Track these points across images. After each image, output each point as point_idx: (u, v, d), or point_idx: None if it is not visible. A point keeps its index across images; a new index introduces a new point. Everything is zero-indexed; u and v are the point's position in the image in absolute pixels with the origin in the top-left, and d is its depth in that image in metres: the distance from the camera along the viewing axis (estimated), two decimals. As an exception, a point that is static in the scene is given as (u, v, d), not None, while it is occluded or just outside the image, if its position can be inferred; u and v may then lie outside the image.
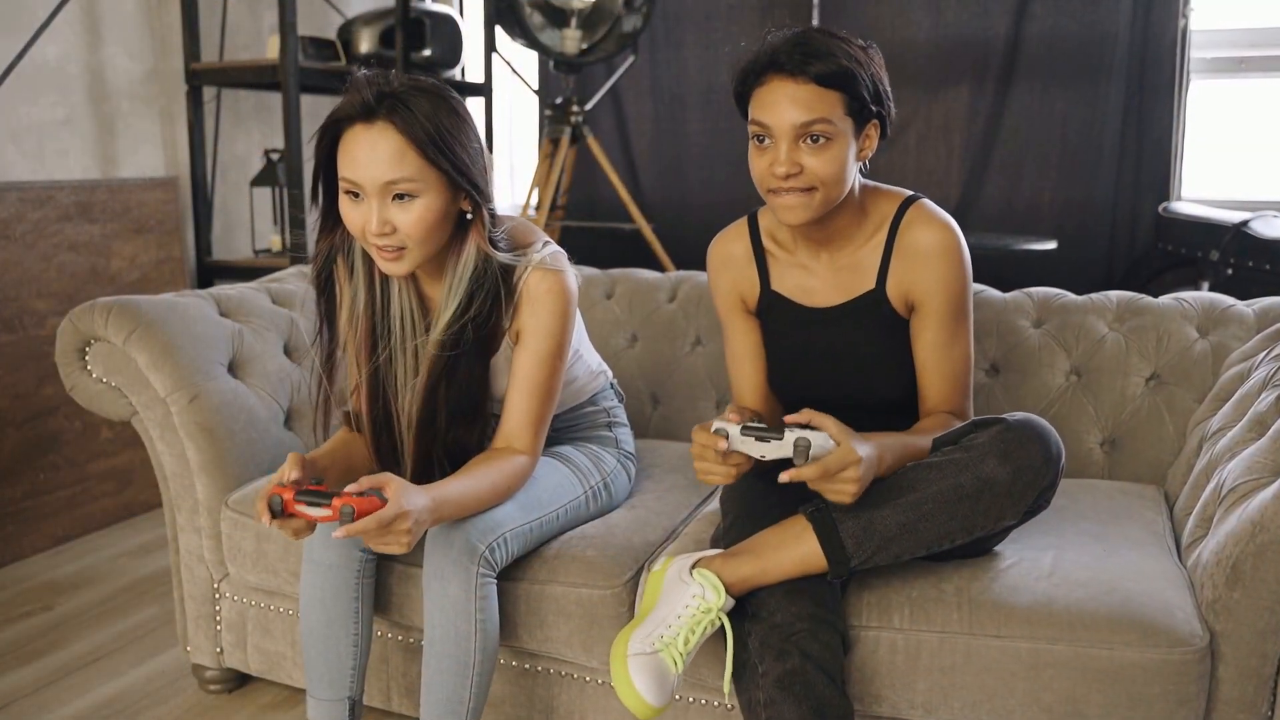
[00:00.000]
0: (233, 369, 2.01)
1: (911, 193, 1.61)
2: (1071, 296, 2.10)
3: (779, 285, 1.67)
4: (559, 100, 3.54)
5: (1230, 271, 3.10)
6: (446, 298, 1.57)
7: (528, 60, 3.96)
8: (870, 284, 1.61)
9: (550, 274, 1.59)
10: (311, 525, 1.48)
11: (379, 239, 1.48)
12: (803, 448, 1.36)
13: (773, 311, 1.69)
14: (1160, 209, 3.38)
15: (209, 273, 3.18)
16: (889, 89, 1.52)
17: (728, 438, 1.40)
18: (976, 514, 1.39)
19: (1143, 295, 2.07)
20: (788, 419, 1.40)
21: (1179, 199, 3.47)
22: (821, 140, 1.45)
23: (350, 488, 1.40)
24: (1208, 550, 1.46)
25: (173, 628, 2.29)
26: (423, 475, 1.63)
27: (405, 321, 1.62)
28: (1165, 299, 2.06)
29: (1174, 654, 1.35)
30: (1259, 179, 3.53)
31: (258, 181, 3.26)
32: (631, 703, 1.37)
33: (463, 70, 3.88)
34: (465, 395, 1.60)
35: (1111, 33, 3.39)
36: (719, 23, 3.78)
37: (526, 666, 1.73)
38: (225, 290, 2.15)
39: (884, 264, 1.60)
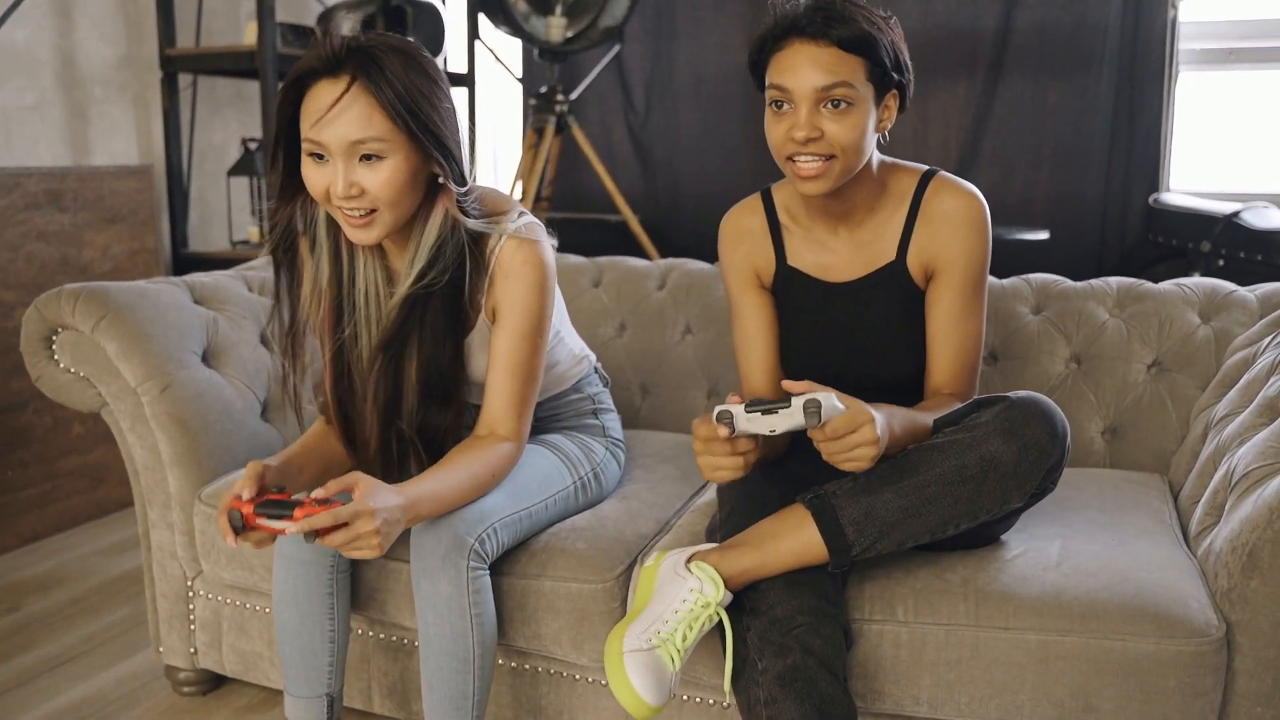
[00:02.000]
0: (207, 358, 1.94)
1: (930, 167, 1.57)
2: (1070, 283, 2.06)
3: (796, 260, 1.62)
4: (543, 89, 3.47)
5: (1222, 263, 3.07)
6: (409, 263, 1.48)
7: (512, 49, 3.89)
8: (890, 256, 1.57)
9: (525, 244, 1.51)
10: (266, 537, 1.40)
11: (346, 202, 1.39)
12: (813, 408, 1.28)
13: (789, 287, 1.63)
14: (1151, 200, 3.35)
15: (185, 264, 3.10)
16: (909, 60, 1.47)
17: (732, 422, 1.32)
18: (981, 496, 1.34)
19: (1143, 281, 2.03)
20: (786, 384, 1.32)
21: (1168, 190, 3.44)
22: (843, 105, 1.41)
23: (317, 493, 1.33)
24: (1220, 538, 1.41)
25: (145, 628, 2.21)
26: (391, 462, 1.55)
27: (370, 296, 1.53)
28: (1166, 284, 2.01)
29: (1190, 645, 1.30)
30: (1248, 171, 3.51)
31: (235, 171, 3.18)
32: (628, 702, 1.31)
33: (445, 59, 3.81)
34: (434, 372, 1.51)
35: (1101, 24, 3.37)
36: (707, 13, 3.72)
37: (513, 665, 1.67)
38: (199, 277, 2.08)
39: (906, 235, 1.56)
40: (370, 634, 1.75)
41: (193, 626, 1.91)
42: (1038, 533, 1.55)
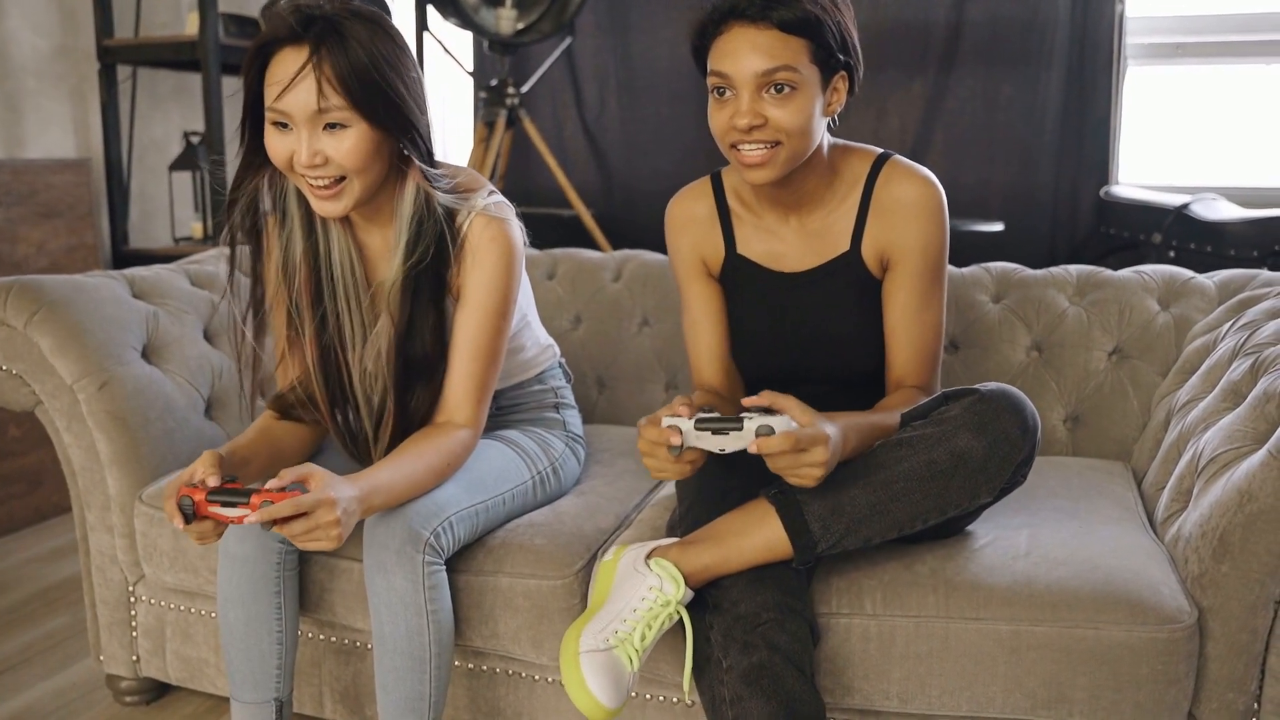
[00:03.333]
0: (147, 354, 1.86)
1: (883, 150, 1.53)
2: (1030, 271, 2.04)
3: (745, 249, 1.58)
4: (494, 82, 3.41)
5: (1172, 254, 3.09)
6: (396, 238, 1.45)
7: (461, 40, 3.82)
8: (844, 246, 1.53)
9: (494, 222, 1.47)
10: (221, 529, 1.35)
11: (311, 171, 1.36)
12: (765, 433, 1.25)
13: (738, 276, 1.59)
14: (1102, 193, 3.37)
15: (126, 261, 3.00)
16: (858, 42, 1.43)
17: (681, 433, 1.28)
18: (951, 491, 1.31)
19: (1102, 269, 2.02)
20: (745, 402, 1.29)
21: (1118, 183, 3.47)
22: (786, 90, 1.36)
23: (271, 483, 1.27)
24: (1190, 523, 1.39)
25: (84, 637, 2.12)
26: (391, 448, 1.50)
27: (347, 271, 1.49)
28: (1125, 272, 2.01)
29: (1162, 632, 1.28)
30: (1195, 163, 3.55)
31: (177, 166, 3.09)
32: (584, 704, 1.26)
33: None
34: (424, 352, 1.47)
35: (1051, 18, 3.38)
36: (659, 6, 3.69)
37: (470, 666, 1.61)
38: (138, 271, 1.99)
39: (859, 224, 1.51)
40: (321, 637, 1.68)
41: (135, 633, 1.83)
42: (1004, 522, 1.52)
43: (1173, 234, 3.11)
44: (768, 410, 1.28)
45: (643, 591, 1.30)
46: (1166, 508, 1.52)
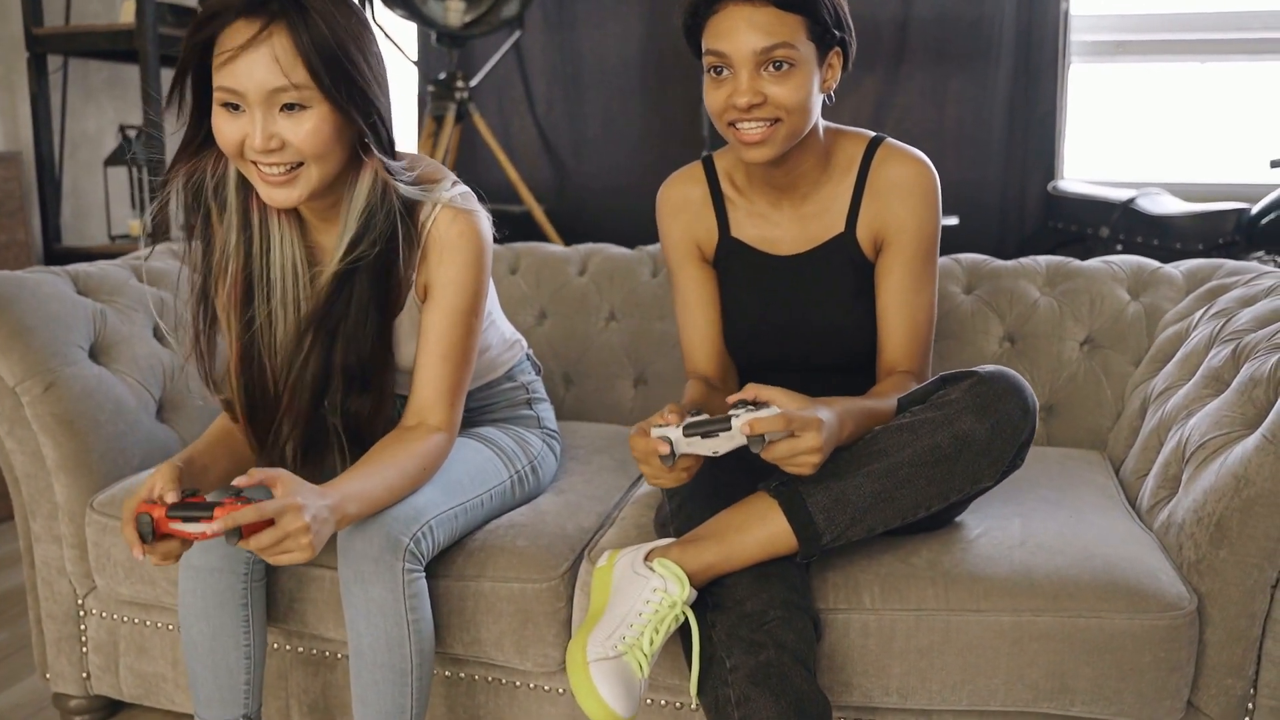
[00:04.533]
0: (95, 354, 1.76)
1: (876, 133, 1.51)
2: (1000, 262, 2.04)
3: (739, 232, 1.54)
4: (443, 76, 3.34)
5: (1120, 247, 3.14)
6: (341, 231, 1.34)
7: (405, 31, 3.74)
8: (839, 227, 1.50)
9: (461, 215, 1.38)
10: (186, 546, 1.26)
11: (265, 157, 1.25)
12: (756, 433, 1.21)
13: (732, 260, 1.55)
14: (1049, 187, 3.41)
15: (59, 259, 2.86)
16: (850, 18, 1.41)
17: (671, 443, 1.24)
18: (955, 476, 1.28)
19: (1071, 259, 2.02)
20: (730, 399, 1.26)
21: (1063, 178, 3.51)
22: (785, 67, 1.34)
23: (239, 480, 1.19)
24: (1182, 509, 1.39)
25: (28, 653, 2.01)
26: (313, 459, 1.43)
27: (288, 272, 1.37)
28: (1093, 262, 2.01)
29: (1164, 619, 1.27)
30: (1137, 159, 3.61)
31: (112, 161, 2.97)
32: (598, 714, 1.20)
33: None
34: (359, 355, 1.37)
35: (997, 15, 3.41)
36: (608, 0, 3.64)
37: (448, 674, 1.55)
38: (83, 267, 1.89)
39: (854, 205, 1.49)
40: (288, 647, 1.61)
41: (85, 649, 1.73)
42: (994, 512, 1.51)
43: (1120, 228, 3.16)
44: (754, 404, 1.25)
45: (646, 594, 1.25)
46: (1153, 494, 1.52)
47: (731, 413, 1.22)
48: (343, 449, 1.43)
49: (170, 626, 1.66)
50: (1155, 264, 1.99)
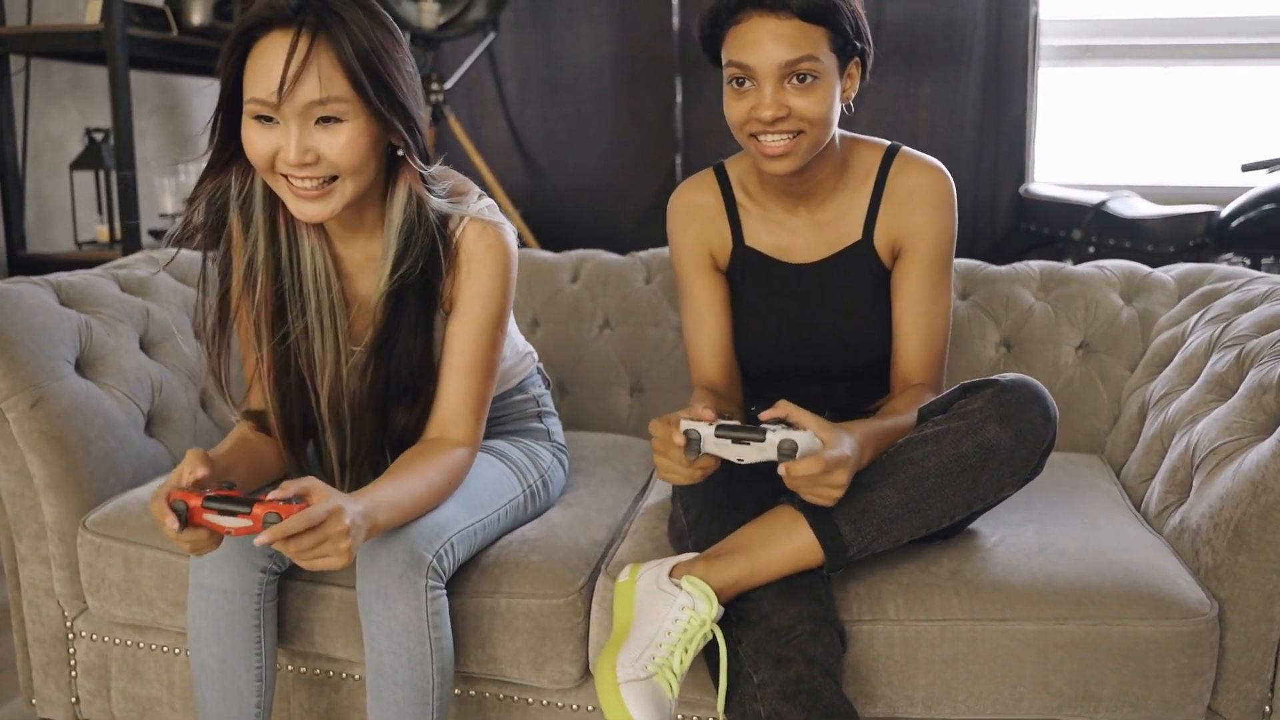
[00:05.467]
0: (81, 367, 1.71)
1: (892, 142, 1.51)
2: (993, 267, 2.05)
3: (753, 241, 1.53)
4: (416, 78, 3.29)
5: (1092, 250, 3.18)
6: (385, 248, 1.34)
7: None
8: (856, 235, 1.50)
9: (489, 228, 1.38)
10: (217, 539, 1.23)
11: (298, 170, 1.23)
12: (788, 450, 1.20)
13: (747, 269, 1.54)
14: (1021, 190, 3.45)
15: (24, 266, 2.78)
16: (868, 28, 1.40)
17: (699, 439, 1.23)
18: (980, 485, 1.28)
19: (1064, 264, 2.04)
20: (764, 416, 1.25)
21: (1034, 181, 3.55)
22: (809, 79, 1.33)
23: (274, 494, 1.16)
24: (1197, 514, 1.40)
25: (12, 676, 1.94)
26: (364, 477, 1.40)
27: (321, 285, 1.36)
28: (1085, 267, 2.03)
29: (1187, 625, 1.28)
30: (1105, 162, 3.66)
31: (79, 165, 2.88)
32: None
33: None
34: (411, 370, 1.37)
35: (969, 19, 3.44)
36: (581, 4, 3.63)
37: (458, 691, 1.52)
38: (64, 277, 1.83)
39: (871, 213, 1.49)
40: (290, 668, 1.56)
41: (74, 673, 1.68)
42: (1006, 519, 1.51)
43: (1092, 230, 3.20)
44: (787, 423, 1.24)
45: (675, 612, 1.23)
46: (1161, 499, 1.53)
47: (766, 426, 1.21)
48: (383, 460, 1.41)
49: (164, 648, 1.62)
50: (1146, 269, 2.01)
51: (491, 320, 1.39)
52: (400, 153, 1.30)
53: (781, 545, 1.27)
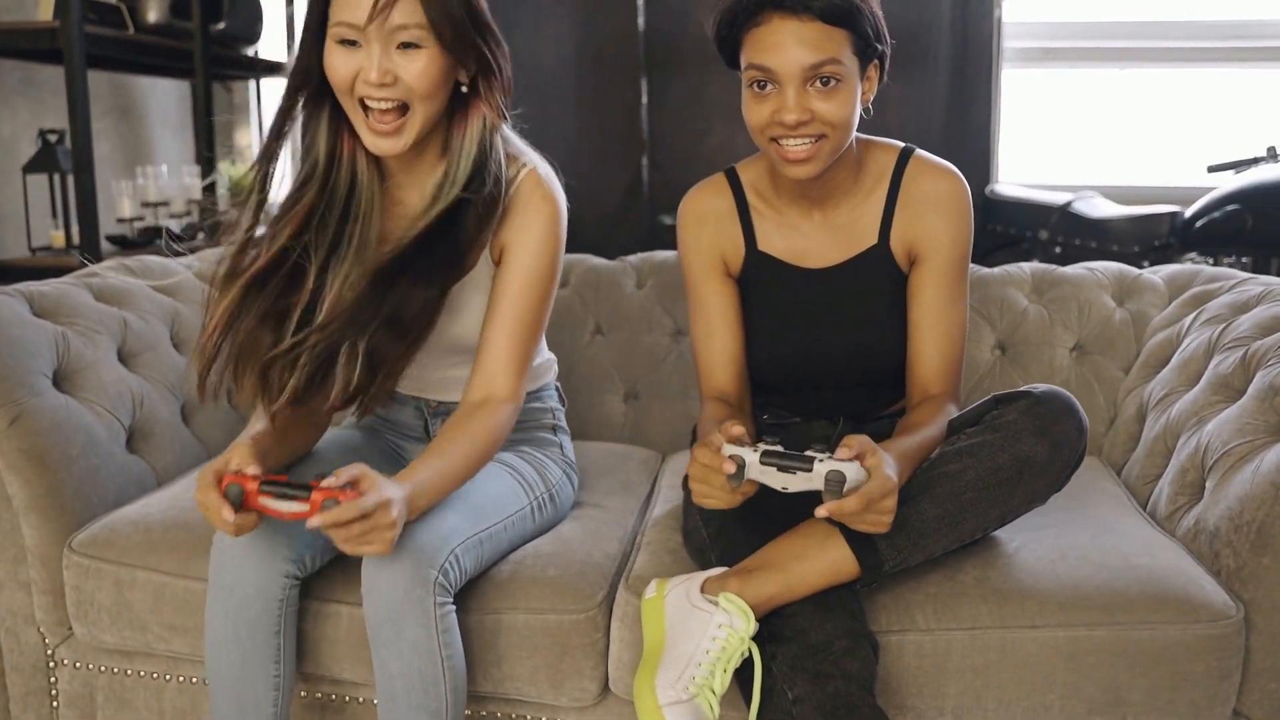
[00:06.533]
0: (59, 382, 1.63)
1: (906, 144, 1.50)
2: (985, 269, 2.05)
3: (767, 245, 1.50)
4: (381, 79, 3.22)
5: (1059, 250, 3.21)
6: (450, 171, 1.35)
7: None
8: (872, 239, 1.48)
9: (545, 182, 1.40)
10: (257, 523, 1.23)
11: (378, 91, 1.27)
12: (835, 480, 1.16)
13: (760, 275, 1.51)
14: (987, 191, 3.47)
15: (-26, 273, 2.67)
16: (887, 29, 1.39)
17: (743, 466, 1.19)
18: (1014, 498, 1.27)
19: (1054, 266, 2.05)
20: (839, 455, 1.19)
21: (998, 182, 3.58)
22: (832, 83, 1.31)
23: (328, 481, 1.16)
24: (1214, 517, 1.40)
25: (-15, 707, 1.86)
26: (310, 393, 1.33)
27: (369, 214, 1.37)
28: (1076, 268, 2.04)
29: (1215, 628, 1.28)
30: (1068, 163, 3.71)
31: (32, 168, 2.77)
32: None
33: (257, 50, 3.47)
34: (393, 314, 1.31)
35: (935, 21, 3.46)
36: (545, 3, 3.58)
37: (468, 712, 1.47)
38: (36, 286, 1.75)
39: (887, 217, 1.47)
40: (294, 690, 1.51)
41: (55, 703, 1.60)
42: (1023, 524, 1.48)
43: (1059, 230, 3.23)
44: (829, 448, 1.20)
45: (712, 630, 1.20)
46: (1171, 501, 1.54)
47: (813, 454, 1.18)
48: (348, 381, 1.31)
49: (156, 675, 1.55)
50: (1136, 271, 2.02)
51: (543, 273, 1.39)
52: (465, 89, 1.35)
53: (816, 560, 1.24)
